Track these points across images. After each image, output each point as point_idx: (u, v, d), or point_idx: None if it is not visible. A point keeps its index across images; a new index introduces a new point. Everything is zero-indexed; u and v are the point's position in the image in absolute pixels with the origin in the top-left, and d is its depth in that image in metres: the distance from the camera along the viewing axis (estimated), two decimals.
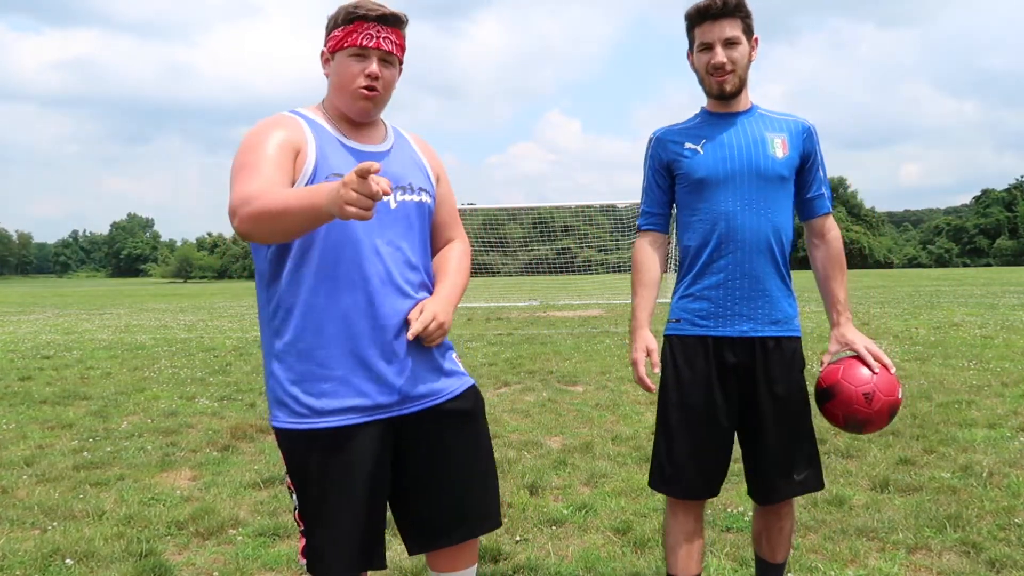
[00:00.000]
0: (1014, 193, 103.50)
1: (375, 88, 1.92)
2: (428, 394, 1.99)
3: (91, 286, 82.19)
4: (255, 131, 1.90)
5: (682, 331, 2.41)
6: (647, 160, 2.45)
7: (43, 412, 6.58)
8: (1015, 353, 9.04)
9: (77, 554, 3.28)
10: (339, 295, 1.87)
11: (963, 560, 3.12)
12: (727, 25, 2.24)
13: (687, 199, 2.38)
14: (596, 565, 3.13)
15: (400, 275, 1.94)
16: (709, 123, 2.37)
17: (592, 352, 10.03)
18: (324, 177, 1.86)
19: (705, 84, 2.34)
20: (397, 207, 1.95)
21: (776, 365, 2.33)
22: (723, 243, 2.30)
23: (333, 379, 1.89)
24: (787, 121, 2.38)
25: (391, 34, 1.92)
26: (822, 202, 2.43)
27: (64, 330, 15.65)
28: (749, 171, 2.30)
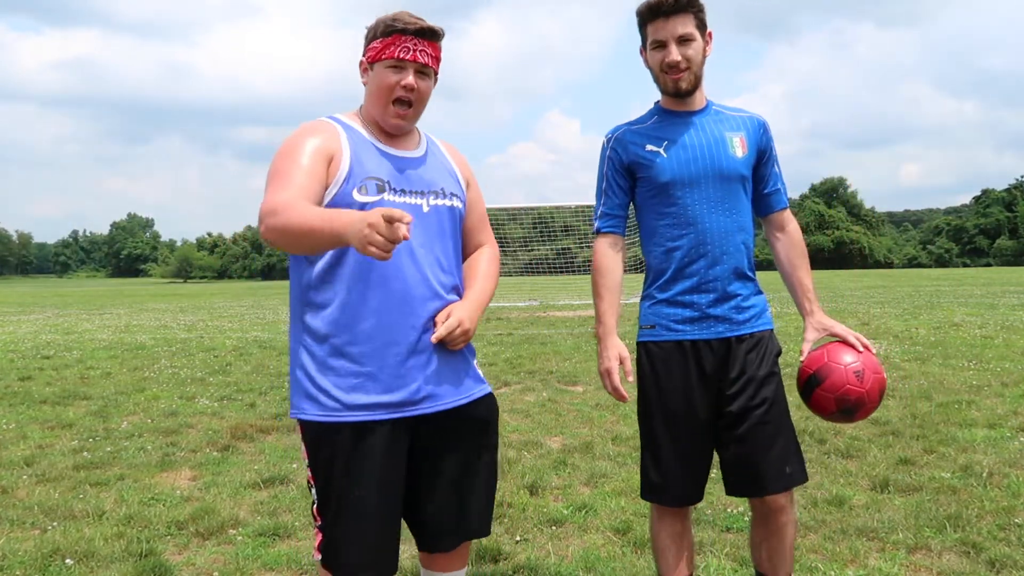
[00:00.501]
0: (1014, 193, 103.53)
1: (410, 100, 1.98)
2: (449, 396, 2.02)
3: (91, 286, 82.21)
4: (292, 137, 1.97)
5: (658, 337, 2.35)
6: (605, 161, 2.40)
7: (43, 412, 6.58)
8: (1015, 353, 9.04)
9: (77, 554, 3.28)
10: (374, 294, 1.92)
11: (963, 560, 3.12)
12: (680, 22, 2.20)
13: (651, 202, 2.34)
14: (596, 565, 3.13)
15: (433, 277, 1.99)
16: (667, 123, 2.34)
17: (592, 352, 10.02)
18: (360, 181, 1.93)
19: (660, 82, 2.31)
20: (430, 211, 2.02)
21: (751, 355, 2.31)
22: (695, 246, 2.28)
23: (363, 375, 1.93)
24: (742, 118, 2.37)
25: (428, 47, 1.98)
26: (779, 197, 2.44)
27: (64, 330, 15.65)
28: (713, 172, 2.28)
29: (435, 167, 2.10)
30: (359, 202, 1.91)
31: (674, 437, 2.33)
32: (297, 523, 3.66)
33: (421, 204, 2.01)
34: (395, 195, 1.97)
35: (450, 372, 2.03)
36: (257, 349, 11.22)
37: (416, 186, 2.02)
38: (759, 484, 2.31)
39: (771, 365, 2.34)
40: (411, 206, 1.98)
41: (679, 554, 2.42)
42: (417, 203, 2.00)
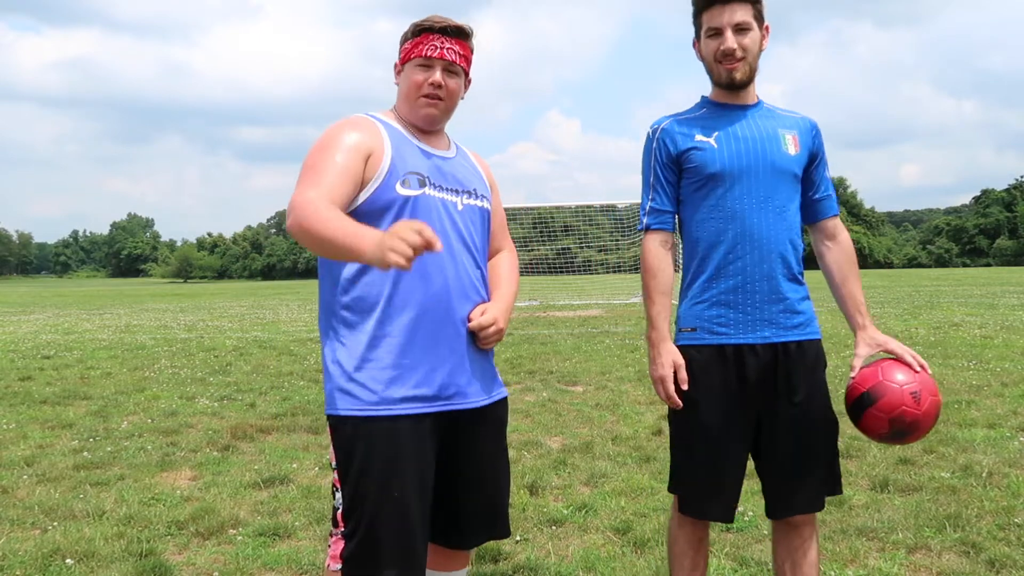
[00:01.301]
0: (1014, 193, 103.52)
1: (439, 96, 2.01)
2: (477, 395, 2.04)
3: (91, 286, 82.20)
4: (330, 131, 1.98)
5: (699, 341, 2.20)
6: (651, 154, 2.25)
7: (43, 412, 6.58)
8: (1015, 353, 9.04)
9: (77, 554, 3.28)
10: (415, 288, 1.93)
11: (963, 560, 3.12)
12: (738, 9, 2.10)
13: (695, 196, 2.21)
14: (596, 565, 3.13)
15: (470, 273, 2.03)
16: (718, 114, 2.22)
17: (592, 352, 10.03)
18: (402, 175, 1.94)
19: (713, 73, 2.19)
20: (464, 209, 2.05)
21: (798, 370, 2.18)
22: (739, 243, 2.15)
23: (402, 367, 1.92)
24: (795, 118, 2.27)
25: (455, 45, 2.01)
26: (830, 203, 2.32)
27: (64, 330, 15.65)
28: (764, 166, 2.15)
29: (467, 168, 2.14)
30: (402, 195, 1.93)
31: (708, 449, 2.19)
32: (297, 523, 3.66)
33: (456, 202, 2.04)
34: (435, 190, 1.99)
35: (479, 371, 2.05)
36: (257, 349, 11.22)
37: (452, 184, 2.05)
38: (789, 505, 2.23)
39: (820, 380, 2.23)
40: (449, 202, 2.01)
41: (695, 562, 2.32)
42: (453, 200, 2.03)
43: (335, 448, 1.96)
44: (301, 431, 5.67)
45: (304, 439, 5.42)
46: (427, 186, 1.97)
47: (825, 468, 2.23)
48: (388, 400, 1.91)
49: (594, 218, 30.65)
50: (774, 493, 2.25)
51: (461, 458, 2.05)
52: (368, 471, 1.89)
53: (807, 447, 2.20)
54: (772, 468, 2.23)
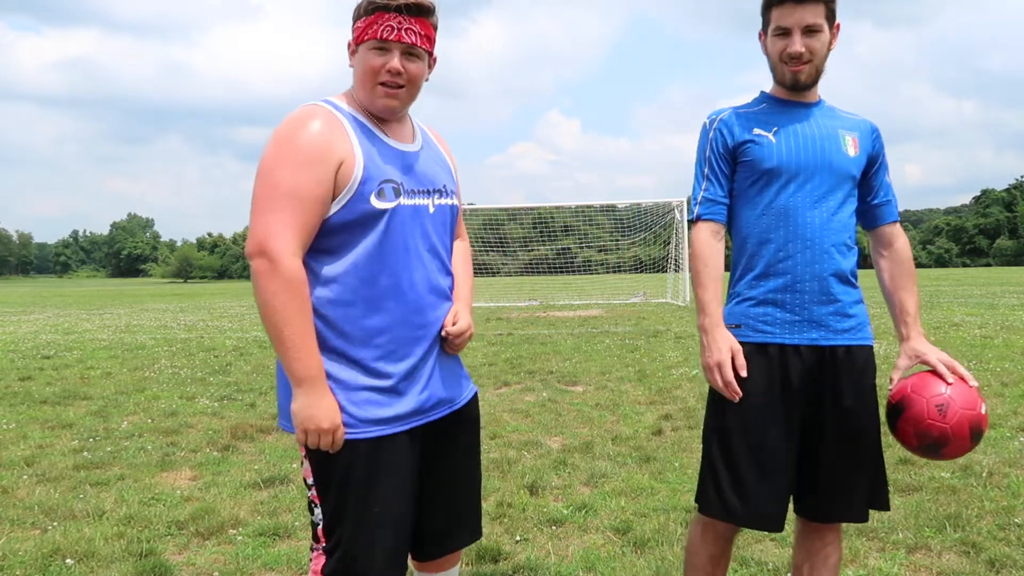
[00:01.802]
0: (1014, 193, 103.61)
1: (398, 84, 1.81)
2: (452, 399, 2.00)
3: (91, 286, 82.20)
4: (294, 133, 1.75)
5: (743, 338, 2.13)
6: (707, 143, 2.20)
7: (43, 412, 6.58)
8: (1015, 353, 9.04)
9: (77, 554, 3.28)
10: (388, 305, 1.82)
11: (963, 560, 3.12)
12: (810, 10, 2.02)
13: (749, 191, 2.15)
14: (596, 565, 3.13)
15: (438, 281, 1.93)
16: (778, 109, 2.17)
17: (592, 352, 10.03)
18: (377, 184, 1.78)
19: (777, 72, 2.14)
20: (435, 212, 1.91)
21: (845, 376, 2.12)
22: (790, 241, 2.09)
23: (377, 389, 1.82)
24: (856, 120, 2.21)
25: (415, 24, 1.79)
26: (890, 209, 2.25)
27: (64, 330, 15.65)
28: (823, 165, 2.10)
29: (434, 162, 1.96)
30: (378, 208, 1.78)
31: (751, 450, 2.10)
32: (297, 523, 3.66)
33: (428, 205, 1.89)
34: (407, 197, 1.84)
35: (451, 375, 2.00)
36: (257, 349, 11.22)
37: (422, 184, 1.89)
38: (826, 512, 2.18)
39: (868, 387, 2.16)
40: (422, 207, 1.87)
41: (714, 572, 2.25)
42: (425, 204, 1.88)
43: (312, 466, 1.85)
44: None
45: None
46: (401, 195, 1.82)
47: (868, 479, 2.16)
48: (366, 420, 1.80)
49: (594, 218, 30.65)
50: (811, 498, 2.18)
51: (441, 462, 2.00)
52: (348, 488, 1.81)
53: (850, 455, 2.12)
54: (812, 474, 2.15)
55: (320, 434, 1.75)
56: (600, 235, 29.97)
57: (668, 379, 7.69)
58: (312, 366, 1.74)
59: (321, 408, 1.75)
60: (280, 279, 1.70)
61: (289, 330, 1.71)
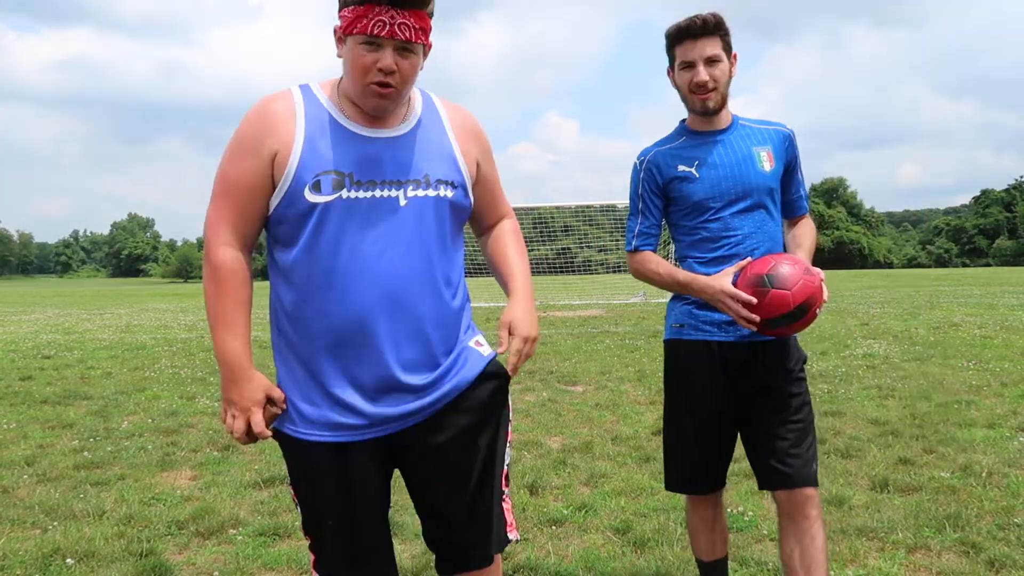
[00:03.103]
0: (1013, 193, 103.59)
1: (389, 84, 1.66)
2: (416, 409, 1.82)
3: (92, 286, 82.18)
4: (242, 123, 1.73)
5: (686, 336, 2.44)
6: (639, 183, 2.47)
7: (44, 412, 6.58)
8: (1014, 353, 9.04)
9: (78, 554, 3.28)
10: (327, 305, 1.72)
11: (962, 560, 3.12)
12: (708, 44, 2.28)
13: (684, 220, 2.43)
14: (596, 565, 3.14)
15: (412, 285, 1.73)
16: (697, 143, 2.41)
17: (592, 352, 10.03)
18: (311, 176, 1.67)
19: (688, 102, 2.38)
20: (407, 204, 1.71)
21: (773, 357, 2.39)
22: (726, 258, 2.35)
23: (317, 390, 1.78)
24: (768, 131, 2.44)
25: (408, 18, 1.62)
26: (801, 203, 2.55)
27: (65, 330, 15.65)
28: (742, 189, 2.35)
29: (422, 147, 1.76)
30: (310, 202, 1.66)
31: (699, 432, 2.44)
32: (297, 523, 3.66)
33: (397, 196, 1.70)
34: (358, 190, 1.68)
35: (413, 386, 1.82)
36: (257, 349, 11.10)
37: (391, 174, 1.71)
38: (791, 476, 2.34)
39: (798, 368, 2.43)
40: (381, 200, 1.69)
41: (711, 536, 2.56)
42: (390, 196, 1.70)
43: (287, 463, 1.86)
44: None
45: None
46: (345, 187, 1.67)
47: (810, 446, 2.38)
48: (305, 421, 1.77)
49: (594, 218, 30.63)
50: (768, 467, 2.38)
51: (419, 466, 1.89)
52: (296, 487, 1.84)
53: (795, 423, 2.37)
54: (761, 446, 2.39)
55: (231, 416, 1.77)
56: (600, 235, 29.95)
57: None
58: (228, 351, 1.76)
59: (238, 393, 1.78)
60: (208, 267, 1.75)
61: (211, 314, 1.77)
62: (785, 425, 2.36)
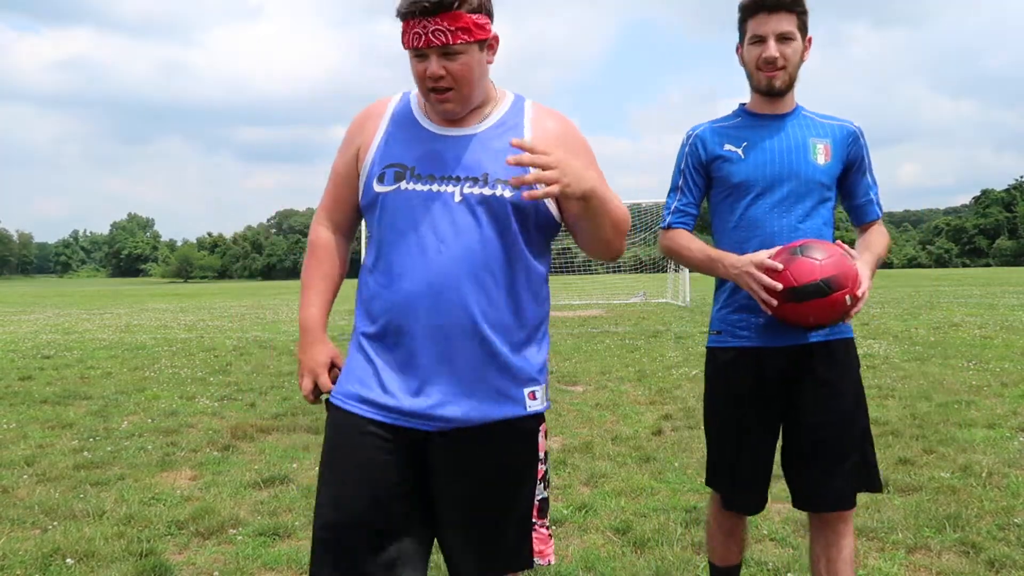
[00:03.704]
0: (1013, 193, 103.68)
1: (444, 88, 1.73)
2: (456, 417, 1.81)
3: (91, 286, 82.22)
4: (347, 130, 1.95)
5: (723, 343, 2.31)
6: (683, 157, 2.35)
7: (43, 412, 6.58)
8: (1014, 353, 9.05)
9: (77, 554, 3.28)
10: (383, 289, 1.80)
11: (962, 560, 3.13)
12: (783, 19, 2.16)
13: (722, 204, 2.31)
14: (596, 565, 3.14)
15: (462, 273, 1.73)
16: (750, 124, 2.29)
17: (592, 352, 10.03)
18: (379, 168, 1.80)
19: (753, 79, 2.25)
20: (462, 200, 1.75)
21: (821, 366, 2.23)
22: (762, 248, 2.19)
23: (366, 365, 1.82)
24: (832, 125, 2.30)
25: (441, 23, 1.67)
26: (871, 208, 2.36)
27: (64, 330, 15.65)
28: (788, 177, 2.22)
29: (491, 148, 1.78)
30: (376, 192, 1.79)
31: (739, 444, 2.30)
32: (297, 523, 3.67)
33: (453, 192, 1.75)
34: (415, 182, 1.76)
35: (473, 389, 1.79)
36: (257, 349, 11.23)
37: (450, 171, 1.77)
38: (821, 501, 2.26)
39: (848, 378, 2.26)
40: (436, 193, 1.75)
41: (727, 544, 2.48)
42: (446, 190, 1.75)
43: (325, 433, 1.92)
44: (301, 431, 5.68)
45: (304, 439, 5.42)
46: (405, 179, 1.77)
47: (854, 465, 2.24)
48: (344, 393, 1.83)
49: None
50: (801, 487, 2.30)
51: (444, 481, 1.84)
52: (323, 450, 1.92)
53: (838, 444, 2.23)
54: (797, 463, 2.28)
55: (302, 374, 1.91)
56: None
57: (668, 379, 7.70)
58: (305, 316, 1.93)
59: (306, 354, 1.91)
60: (308, 244, 1.99)
61: (302, 283, 1.97)
62: (822, 442, 2.22)
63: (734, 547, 2.49)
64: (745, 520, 2.51)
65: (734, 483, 2.35)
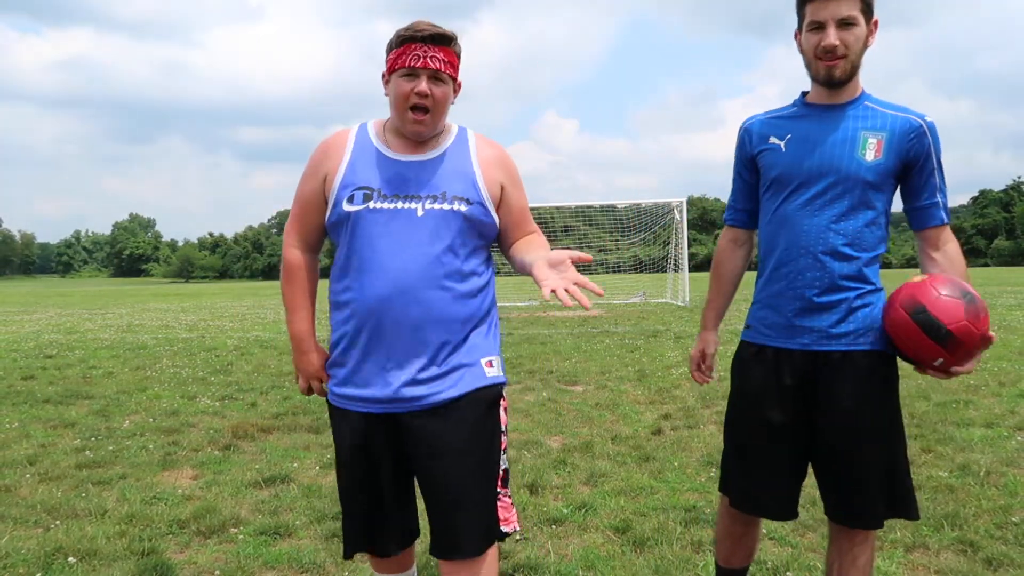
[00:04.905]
0: (1011, 194, 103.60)
1: (425, 106, 2.01)
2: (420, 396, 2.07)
3: (93, 286, 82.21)
4: (309, 160, 2.18)
5: (750, 338, 2.28)
6: (736, 150, 2.30)
7: (46, 411, 6.60)
8: (1012, 353, 9.06)
9: (79, 552, 3.29)
10: (350, 293, 2.07)
11: (961, 559, 3.14)
12: (844, 3, 1.99)
13: (763, 197, 2.23)
14: (596, 564, 3.15)
15: (423, 279, 2.01)
16: (802, 115, 2.16)
17: (592, 352, 10.04)
18: (348, 191, 2.05)
19: (812, 68, 2.10)
20: (424, 215, 2.04)
21: (840, 380, 2.12)
22: (788, 248, 2.13)
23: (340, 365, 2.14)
24: (893, 117, 2.10)
25: (439, 52, 2.00)
26: (933, 212, 2.16)
27: (67, 330, 15.67)
28: (827, 172, 2.08)
29: (445, 170, 2.08)
30: (346, 211, 2.04)
31: (756, 445, 2.24)
32: (298, 522, 3.68)
33: (415, 208, 2.04)
34: (383, 201, 2.04)
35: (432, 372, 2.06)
36: (258, 349, 11.24)
37: (412, 190, 2.05)
38: (843, 515, 2.19)
39: (875, 392, 2.13)
40: (401, 211, 2.03)
41: (733, 548, 2.45)
42: (410, 207, 2.04)
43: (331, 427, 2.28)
44: (302, 430, 5.69)
45: (305, 438, 5.44)
46: (373, 199, 2.03)
47: (879, 486, 2.13)
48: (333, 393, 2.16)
49: (594, 218, 30.63)
50: (827, 499, 2.24)
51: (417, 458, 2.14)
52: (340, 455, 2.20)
53: (853, 461, 2.13)
54: (820, 476, 2.23)
55: (303, 380, 2.24)
56: (600, 235, 29.92)
57: (668, 379, 7.71)
58: (295, 330, 2.21)
59: (302, 362, 2.22)
60: (282, 263, 2.25)
61: (284, 301, 2.23)
62: (849, 459, 2.12)
63: (740, 551, 2.44)
64: (758, 525, 2.45)
65: (739, 478, 2.30)
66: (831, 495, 2.21)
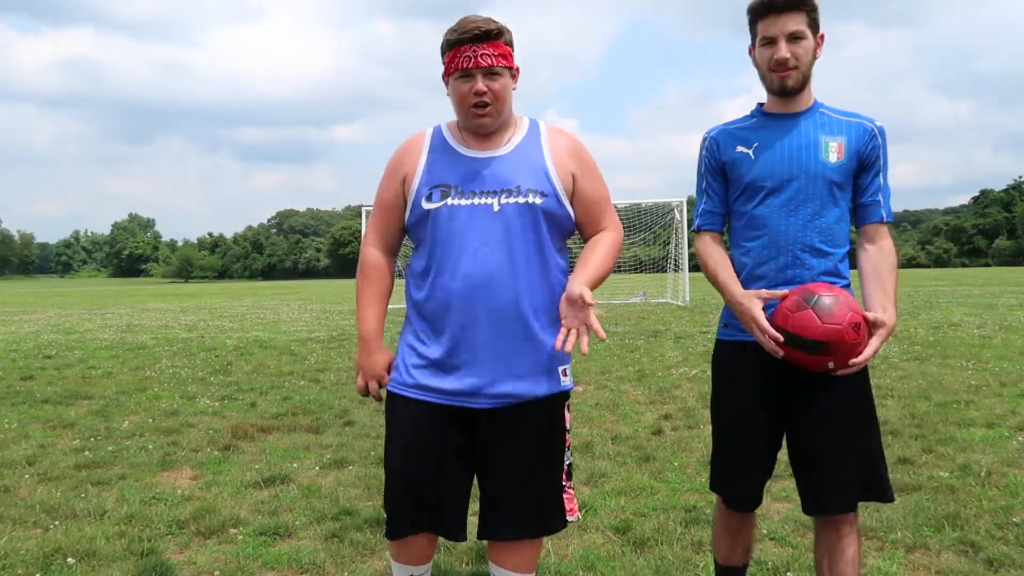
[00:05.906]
0: (1012, 194, 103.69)
1: (485, 103, 2.07)
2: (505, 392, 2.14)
3: (93, 286, 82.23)
4: (388, 163, 2.24)
5: (727, 336, 2.37)
6: (701, 160, 2.40)
7: (45, 411, 6.59)
8: (1013, 353, 9.06)
9: (78, 553, 3.29)
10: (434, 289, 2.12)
11: (961, 559, 3.13)
12: (792, 19, 2.16)
13: (735, 203, 2.34)
14: (596, 564, 3.15)
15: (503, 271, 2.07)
16: (763, 125, 2.31)
17: (592, 352, 10.03)
18: (426, 189, 2.12)
19: (766, 80, 2.26)
20: (500, 209, 2.09)
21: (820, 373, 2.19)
22: (766, 248, 2.25)
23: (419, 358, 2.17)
24: (849, 123, 2.27)
25: (488, 49, 2.06)
26: (875, 209, 2.29)
27: (66, 330, 15.66)
28: (798, 175, 2.22)
29: (517, 164, 2.13)
30: (426, 209, 2.11)
31: (733, 439, 2.35)
32: (298, 522, 3.68)
33: (492, 204, 2.09)
34: (461, 198, 2.10)
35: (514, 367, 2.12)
36: (258, 349, 11.24)
37: (488, 186, 2.10)
38: (820, 503, 2.27)
39: (851, 380, 2.21)
40: (478, 206, 2.09)
41: (732, 544, 2.50)
42: (486, 203, 2.09)
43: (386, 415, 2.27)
44: (302, 431, 5.69)
45: (305, 439, 5.43)
46: (451, 196, 2.10)
47: (855, 471, 2.23)
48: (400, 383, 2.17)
49: None
50: (804, 489, 2.32)
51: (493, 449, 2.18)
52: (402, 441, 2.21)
53: (832, 446, 2.23)
54: (799, 464, 2.32)
55: (363, 379, 2.25)
56: None
57: (668, 379, 7.70)
58: (364, 329, 2.24)
59: (367, 362, 2.24)
60: (360, 261, 2.30)
61: (358, 299, 2.27)
62: (825, 444, 2.23)
63: (738, 547, 2.51)
64: (752, 521, 2.51)
65: (726, 474, 2.38)
66: (809, 486, 2.29)
